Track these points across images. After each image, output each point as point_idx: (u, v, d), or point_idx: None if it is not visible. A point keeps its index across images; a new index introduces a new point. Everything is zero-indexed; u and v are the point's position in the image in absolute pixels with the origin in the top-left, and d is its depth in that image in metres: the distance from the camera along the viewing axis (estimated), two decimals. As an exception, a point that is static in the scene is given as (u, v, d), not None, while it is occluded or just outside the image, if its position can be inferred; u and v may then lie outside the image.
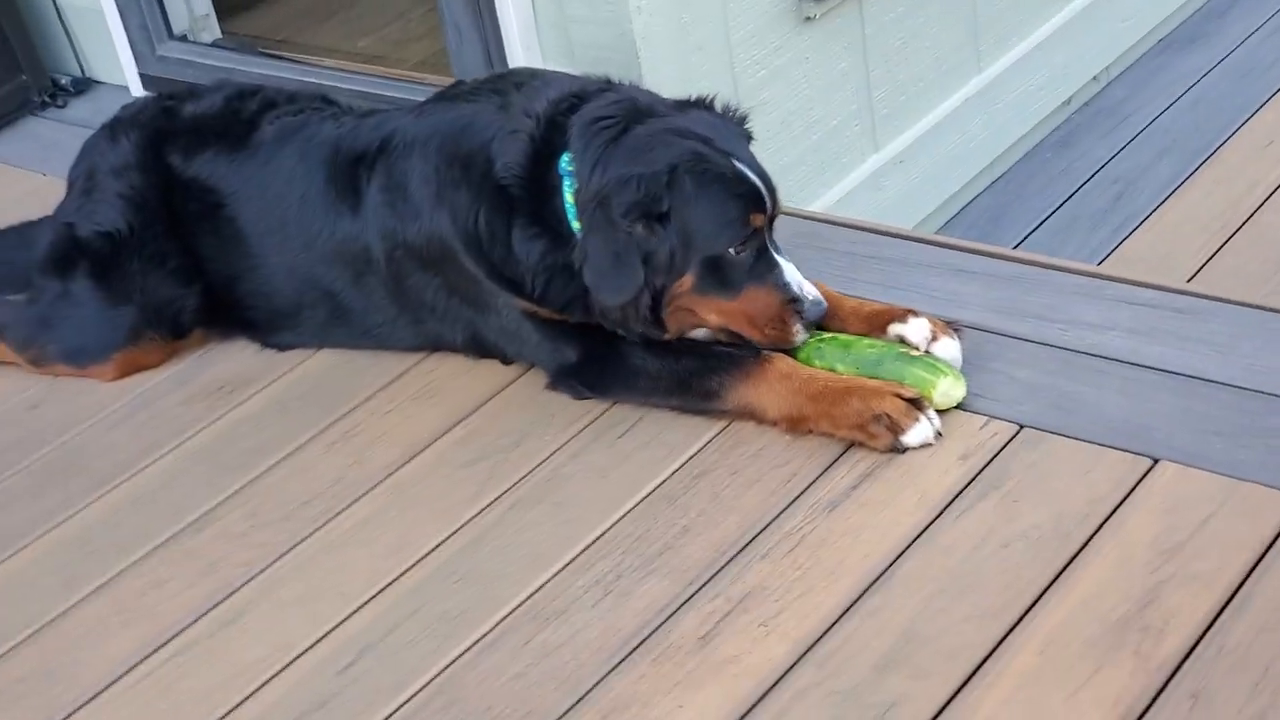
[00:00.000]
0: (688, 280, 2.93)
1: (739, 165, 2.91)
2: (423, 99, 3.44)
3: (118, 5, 4.96)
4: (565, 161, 2.99)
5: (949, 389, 2.87)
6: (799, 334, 2.96)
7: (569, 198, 2.98)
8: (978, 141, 4.99)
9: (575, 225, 2.98)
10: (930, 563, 2.55)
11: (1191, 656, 2.28)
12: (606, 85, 3.15)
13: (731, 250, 2.90)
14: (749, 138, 3.11)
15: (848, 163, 4.56)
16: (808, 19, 4.24)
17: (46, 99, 5.21)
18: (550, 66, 4.00)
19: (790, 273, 2.95)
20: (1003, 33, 5.00)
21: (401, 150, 3.23)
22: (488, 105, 3.16)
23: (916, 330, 2.97)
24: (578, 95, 3.08)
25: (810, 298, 2.95)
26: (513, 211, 3.05)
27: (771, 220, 2.96)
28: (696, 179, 2.86)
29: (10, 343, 3.67)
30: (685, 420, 3.00)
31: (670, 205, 2.86)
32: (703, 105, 3.09)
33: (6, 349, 3.68)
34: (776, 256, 2.96)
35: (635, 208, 2.85)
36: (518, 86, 3.18)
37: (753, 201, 2.90)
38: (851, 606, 2.50)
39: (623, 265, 2.89)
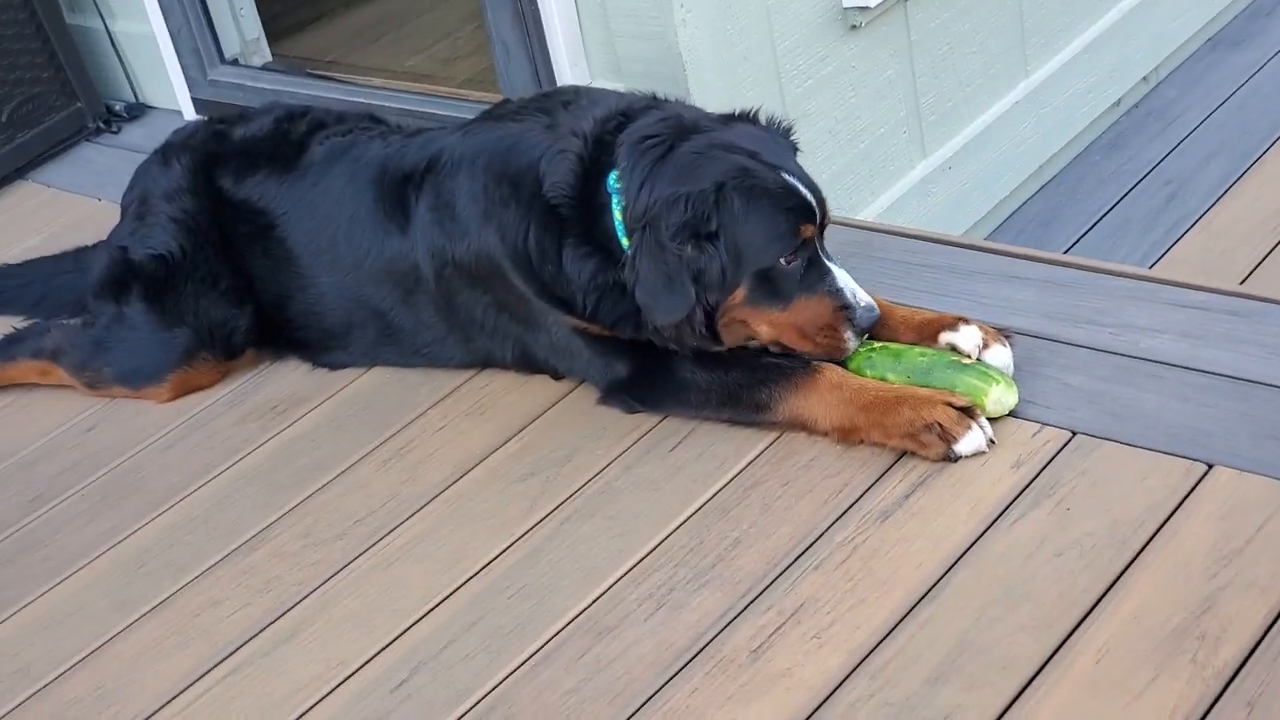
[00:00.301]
0: (740, 293, 2.93)
1: (786, 177, 2.91)
2: (470, 116, 3.45)
3: (170, 32, 5.02)
4: (613, 180, 2.99)
5: (1001, 396, 2.86)
6: (851, 342, 2.95)
7: (618, 216, 2.99)
8: (1027, 145, 4.97)
9: (625, 243, 2.98)
10: (983, 572, 2.53)
11: (1248, 664, 2.26)
12: (652, 102, 3.16)
13: (782, 261, 2.90)
14: (795, 149, 3.10)
15: (896, 170, 4.55)
16: (853, 27, 4.24)
17: (101, 125, 5.28)
18: (598, 82, 4.02)
19: (843, 279, 2.94)
20: (1050, 35, 4.97)
21: (449, 169, 3.25)
22: (535, 124, 3.17)
23: (968, 338, 2.96)
24: (624, 113, 3.08)
25: (863, 304, 2.94)
26: (563, 230, 3.06)
27: (822, 229, 2.96)
28: (744, 195, 2.86)
29: (67, 366, 3.70)
30: (736, 432, 3.00)
31: (719, 223, 2.85)
32: (747, 118, 3.09)
33: (63, 372, 3.72)
34: (828, 264, 2.95)
35: (684, 229, 2.85)
36: (564, 105, 3.19)
37: (801, 213, 2.90)
38: (905, 617, 2.49)
39: (674, 286, 2.89)
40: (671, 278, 2.88)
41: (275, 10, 5.67)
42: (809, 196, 2.91)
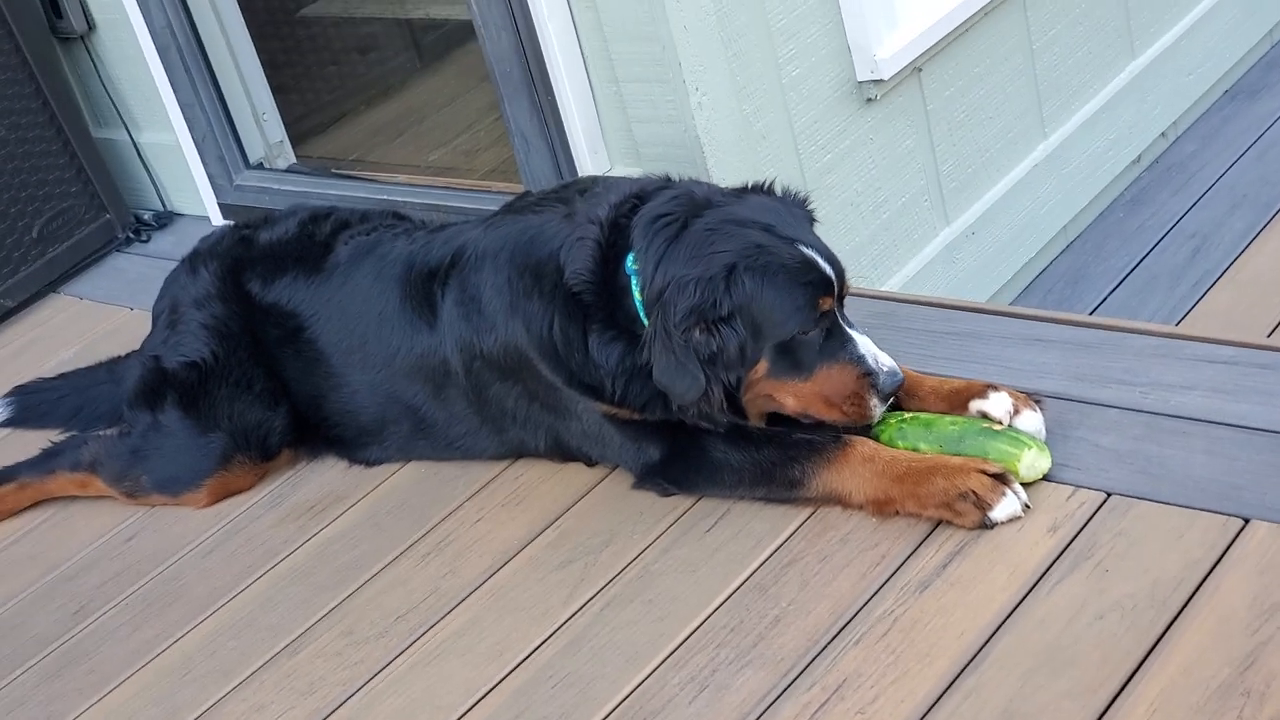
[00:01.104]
0: (762, 367, 2.95)
1: (802, 249, 2.93)
2: (494, 208, 3.49)
3: (195, 140, 5.09)
4: (631, 262, 3.02)
5: (1034, 461, 2.86)
6: (876, 409, 2.96)
7: (638, 297, 3.01)
8: (1049, 206, 4.98)
9: (647, 323, 3.00)
10: (1025, 639, 2.53)
11: (1296, 717, 2.25)
12: (665, 183, 3.18)
13: (802, 333, 2.91)
14: (812, 219, 3.12)
15: (919, 238, 4.57)
16: (869, 100, 4.27)
17: (130, 235, 5.34)
18: (617, 167, 4.06)
19: (864, 346, 2.95)
20: (1066, 97, 5.00)
21: (474, 263, 3.27)
22: (553, 215, 3.20)
23: (998, 405, 2.96)
24: (638, 196, 3.11)
25: (885, 369, 2.94)
26: (586, 317, 3.08)
27: (841, 299, 2.97)
28: (758, 273, 2.88)
29: (105, 477, 3.73)
30: (771, 510, 3.01)
31: (732, 306, 2.87)
32: (761, 190, 3.11)
33: (102, 483, 3.74)
34: (849, 331, 2.96)
35: (691, 314, 2.87)
36: (580, 194, 3.23)
37: (818, 286, 2.91)
38: (948, 688, 2.48)
39: (682, 370, 2.91)
40: (680, 363, 2.90)
41: (298, 113, 5.75)
42: (826, 268, 2.92)
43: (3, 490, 3.84)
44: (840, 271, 2.97)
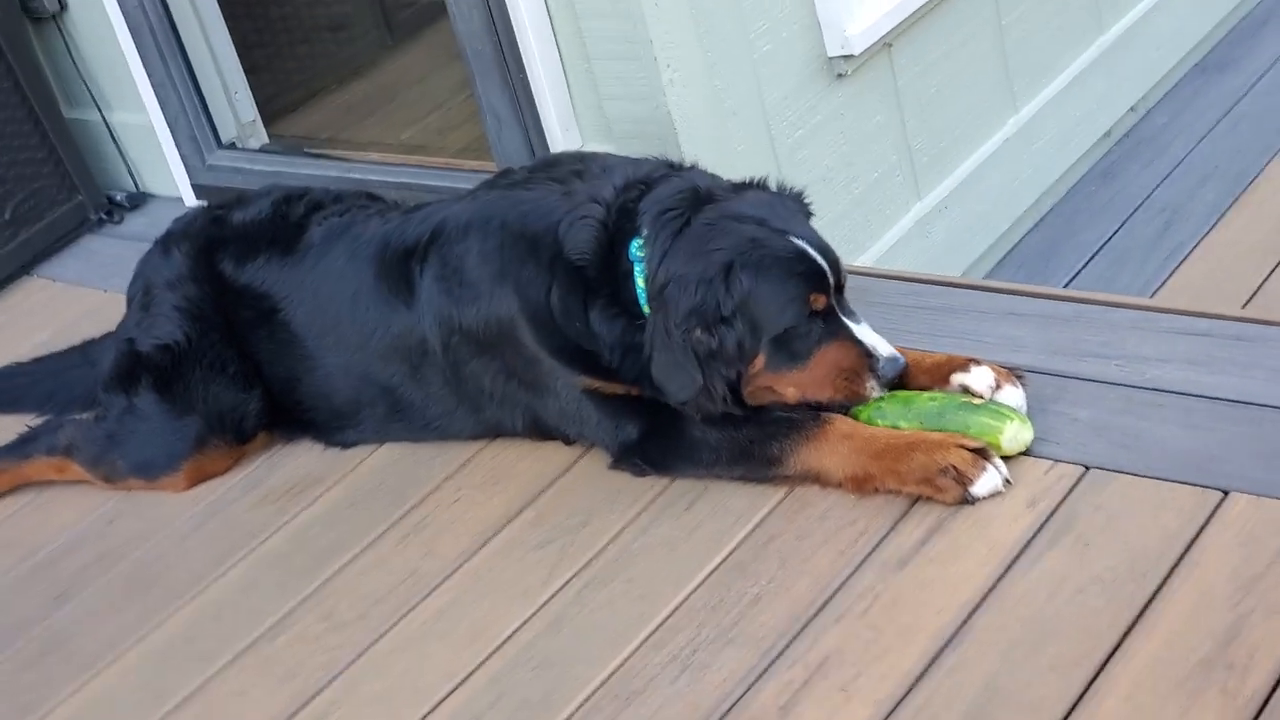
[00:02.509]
0: (759, 360, 2.95)
1: (795, 241, 2.93)
2: (467, 186, 3.48)
3: (167, 120, 5.06)
4: (635, 248, 3.03)
5: (1016, 433, 2.86)
6: (874, 390, 2.96)
7: (641, 284, 3.02)
8: (1021, 180, 4.99)
9: (646, 310, 3.02)
10: (1006, 614, 2.53)
11: (1279, 690, 2.25)
12: (668, 170, 3.19)
13: (797, 324, 2.92)
14: (808, 213, 3.13)
15: (892, 213, 4.57)
16: (839, 76, 4.27)
17: (103, 216, 5.31)
18: (589, 145, 4.05)
19: (862, 332, 2.96)
20: (1036, 71, 5.01)
21: (456, 234, 3.27)
22: (548, 190, 3.20)
23: (980, 379, 2.97)
24: (644, 182, 3.11)
25: (885, 355, 2.95)
26: (588, 291, 3.08)
27: (839, 288, 2.97)
28: (753, 268, 2.89)
29: (82, 461, 3.71)
30: (749, 489, 3.01)
31: (734, 305, 2.89)
32: (757, 186, 3.12)
33: (79, 467, 3.73)
34: (845, 320, 2.96)
35: (691, 315, 2.90)
36: (577, 175, 3.22)
37: (812, 279, 2.92)
38: (930, 665, 2.48)
39: (679, 369, 2.94)
40: (677, 361, 2.92)
41: (269, 92, 5.71)
42: (818, 259, 2.93)
43: (-21, 476, 3.82)
44: (834, 261, 2.97)
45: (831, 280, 2.94)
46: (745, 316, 2.90)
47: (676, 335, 2.91)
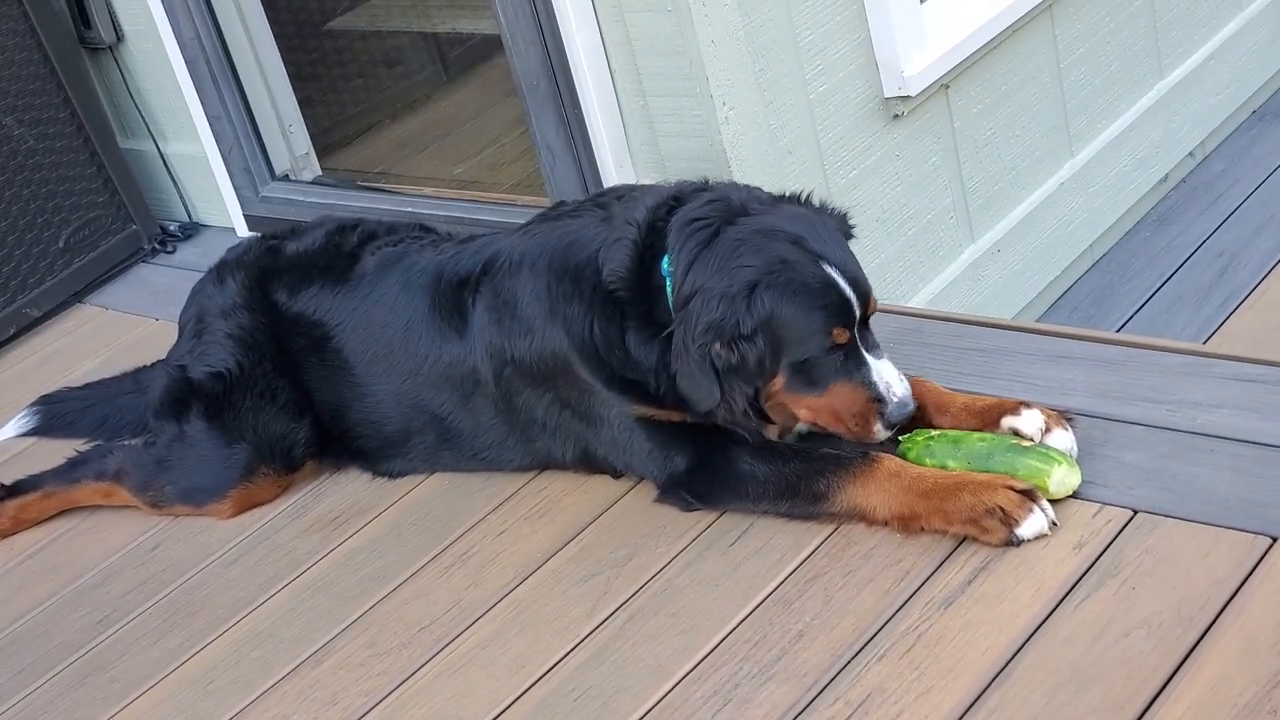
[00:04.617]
0: (779, 381, 2.96)
1: (826, 268, 2.92)
2: (520, 221, 3.49)
3: (221, 152, 5.11)
4: (666, 263, 3.03)
5: (1064, 477, 2.84)
6: (879, 433, 2.96)
7: (671, 298, 3.02)
8: (1076, 225, 4.97)
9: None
10: (1050, 656, 2.51)
11: (1325, 737, 2.23)
12: (703, 186, 3.19)
13: (817, 354, 2.91)
14: (848, 234, 3.11)
15: (945, 255, 4.56)
16: (896, 116, 4.27)
17: (156, 246, 5.36)
18: (643, 181, 4.05)
19: (878, 372, 2.94)
20: (1094, 115, 4.99)
21: (508, 269, 3.28)
22: (591, 219, 3.22)
23: (1030, 422, 2.95)
24: (675, 198, 3.12)
25: (895, 399, 2.93)
26: (624, 316, 3.09)
27: (865, 319, 2.96)
28: (778, 291, 2.89)
29: (130, 487, 3.73)
30: (795, 525, 3.00)
31: (754, 325, 2.89)
32: (798, 201, 3.11)
33: (127, 493, 3.75)
34: (866, 355, 2.95)
35: (709, 330, 2.90)
36: (618, 199, 3.24)
37: (836, 313, 2.90)
38: (973, 705, 2.46)
39: (696, 382, 2.95)
40: (696, 373, 2.93)
41: (323, 125, 5.77)
42: (846, 290, 2.91)
43: (28, 499, 3.85)
44: (864, 292, 2.95)
45: (858, 313, 2.93)
46: (767, 336, 2.90)
47: (693, 349, 2.91)
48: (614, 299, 3.09)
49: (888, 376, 2.94)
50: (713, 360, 2.91)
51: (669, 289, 3.02)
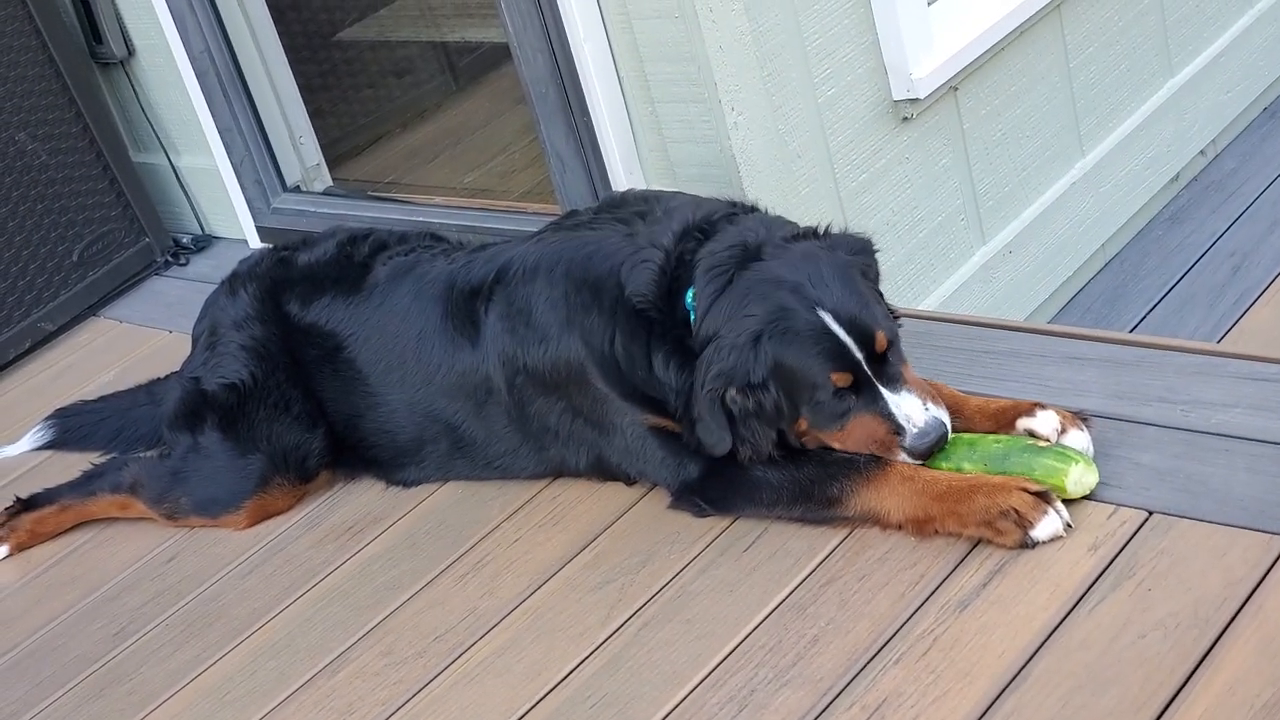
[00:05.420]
0: (804, 421, 2.97)
1: (821, 316, 2.89)
2: (532, 229, 3.49)
3: (233, 164, 5.12)
4: (690, 298, 3.04)
5: (1081, 476, 2.84)
6: (904, 459, 2.94)
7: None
8: (1087, 225, 4.96)
9: None
10: (1067, 658, 2.51)
11: (1343, 737, 2.23)
12: (729, 212, 3.18)
13: (831, 394, 2.92)
14: (864, 266, 3.06)
15: (956, 257, 4.55)
16: (905, 119, 4.26)
17: (169, 258, 5.37)
18: (653, 188, 4.05)
19: (895, 404, 2.91)
20: (1104, 115, 4.98)
21: (522, 277, 3.28)
22: (612, 233, 3.21)
23: (1045, 423, 2.95)
24: (701, 230, 3.11)
25: (915, 430, 2.90)
26: (650, 336, 3.10)
27: (876, 356, 2.91)
28: (778, 342, 2.91)
29: (145, 498, 3.74)
30: (809, 530, 3.00)
31: (765, 373, 2.91)
32: (815, 235, 3.10)
33: (142, 505, 3.76)
34: (882, 390, 2.91)
35: (719, 377, 2.93)
36: (641, 216, 3.23)
37: (832, 358, 2.89)
38: (989, 708, 2.46)
39: (710, 427, 2.99)
40: (708, 418, 2.97)
41: (333, 136, 5.78)
42: (842, 337, 2.89)
43: (44, 512, 3.86)
44: (864, 332, 2.90)
45: (860, 354, 2.89)
46: (778, 383, 2.92)
47: (703, 395, 2.94)
48: (641, 317, 3.09)
49: (907, 409, 2.91)
50: (728, 406, 2.95)
51: (693, 322, 3.03)
